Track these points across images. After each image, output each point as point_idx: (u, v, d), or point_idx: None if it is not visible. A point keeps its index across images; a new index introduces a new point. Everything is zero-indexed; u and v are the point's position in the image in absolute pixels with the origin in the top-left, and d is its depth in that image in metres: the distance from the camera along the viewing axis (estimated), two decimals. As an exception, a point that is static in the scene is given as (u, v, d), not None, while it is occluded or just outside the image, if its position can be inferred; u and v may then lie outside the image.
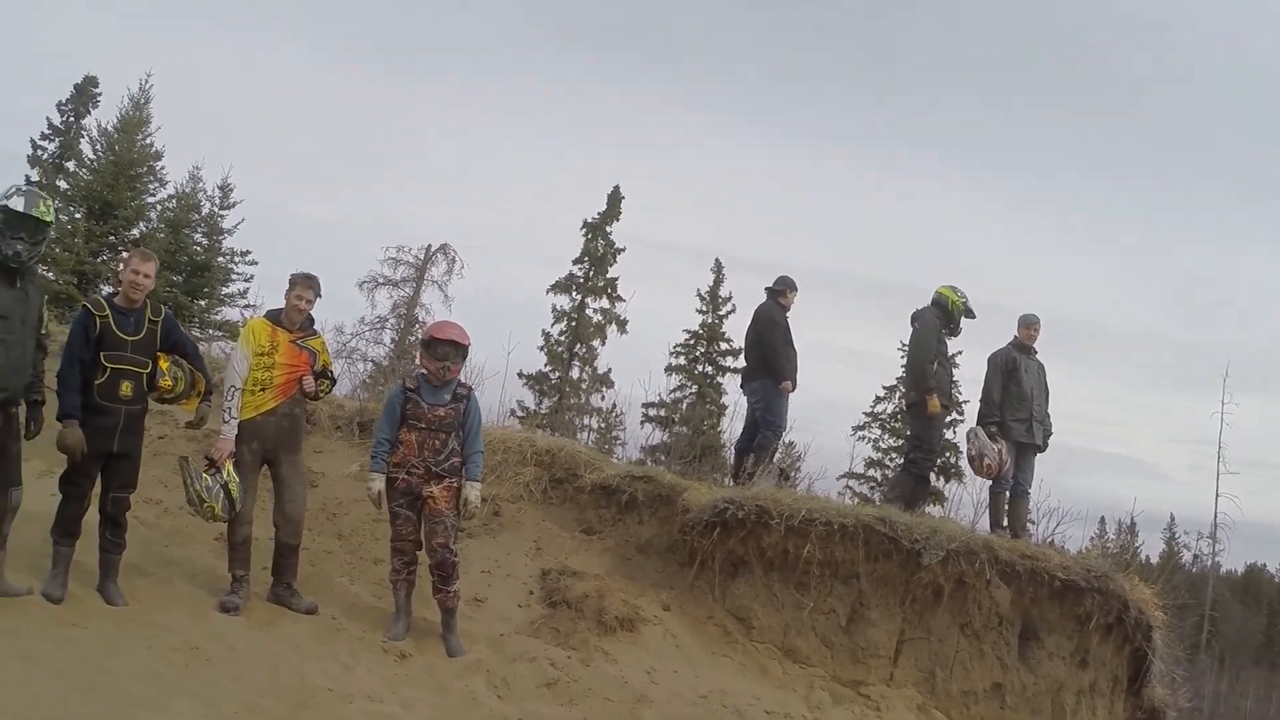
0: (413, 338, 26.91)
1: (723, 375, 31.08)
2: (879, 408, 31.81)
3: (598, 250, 31.71)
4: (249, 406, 6.75)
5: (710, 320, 31.95)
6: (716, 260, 32.47)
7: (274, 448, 6.86)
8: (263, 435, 6.80)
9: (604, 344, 31.24)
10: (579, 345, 31.12)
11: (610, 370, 30.76)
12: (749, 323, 10.48)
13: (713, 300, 32.16)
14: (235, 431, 6.69)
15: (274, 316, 7.04)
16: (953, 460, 22.89)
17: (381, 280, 29.81)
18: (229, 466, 6.59)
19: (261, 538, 7.03)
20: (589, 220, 31.94)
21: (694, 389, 30.95)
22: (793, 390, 10.08)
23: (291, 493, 6.95)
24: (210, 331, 25.94)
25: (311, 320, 7.22)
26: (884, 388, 31.50)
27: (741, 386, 10.75)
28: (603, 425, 25.23)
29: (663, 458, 17.88)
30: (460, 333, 7.03)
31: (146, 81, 28.30)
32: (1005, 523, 9.65)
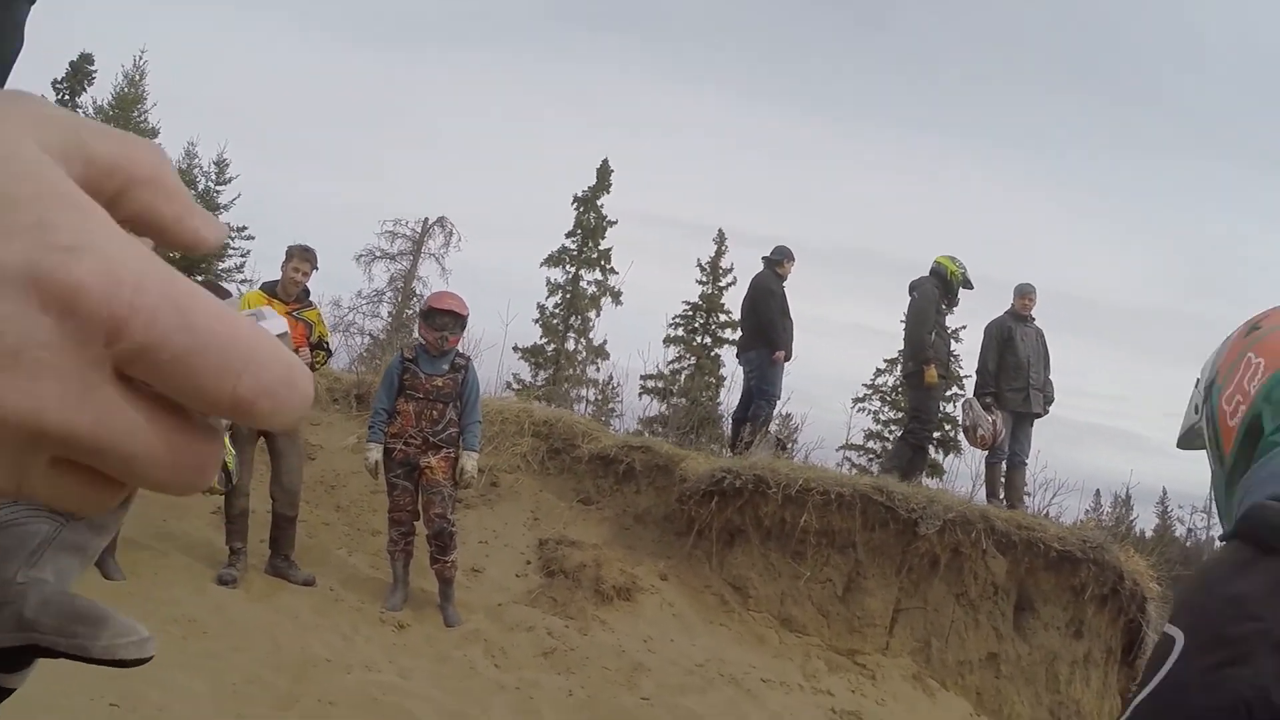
0: (410, 310, 26.89)
1: (721, 347, 31.07)
2: (879, 380, 31.94)
3: (589, 223, 31.73)
4: (245, 379, 6.73)
5: (710, 291, 31.88)
6: (720, 231, 32.40)
7: (270, 420, 6.84)
8: (259, 407, 6.79)
9: (599, 315, 31.27)
10: (574, 317, 31.12)
11: (606, 342, 30.78)
12: (745, 292, 10.47)
13: (713, 271, 32.09)
14: (231, 404, 6.68)
15: (270, 288, 7.05)
16: (951, 432, 22.95)
17: (379, 254, 29.79)
18: (225, 440, 6.58)
19: (259, 510, 7.05)
20: (579, 194, 31.94)
21: (692, 360, 30.94)
22: (787, 360, 10.08)
23: (288, 465, 6.96)
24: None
25: (307, 292, 7.23)
26: (885, 360, 31.59)
27: (737, 356, 10.77)
28: (599, 397, 25.22)
29: (660, 429, 17.91)
30: (459, 303, 7.02)
31: (141, 58, 28.27)
32: (1001, 493, 9.67)
